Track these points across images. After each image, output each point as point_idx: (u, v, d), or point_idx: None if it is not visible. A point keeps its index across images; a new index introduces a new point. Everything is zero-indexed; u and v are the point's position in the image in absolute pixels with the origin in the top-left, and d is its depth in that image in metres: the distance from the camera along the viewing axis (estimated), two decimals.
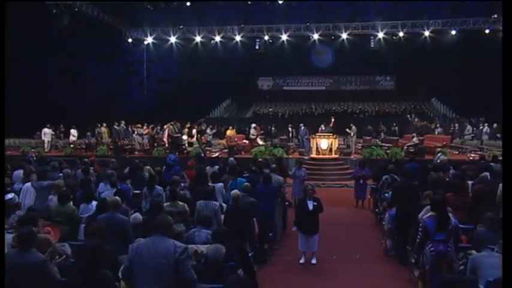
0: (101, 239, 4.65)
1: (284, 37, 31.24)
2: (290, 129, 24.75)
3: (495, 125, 21.87)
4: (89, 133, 22.18)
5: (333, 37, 31.61)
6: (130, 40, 32.38)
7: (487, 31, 28.86)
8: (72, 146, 21.12)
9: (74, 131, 22.17)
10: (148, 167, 11.65)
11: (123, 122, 22.32)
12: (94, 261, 3.88)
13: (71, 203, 7.19)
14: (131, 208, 7.52)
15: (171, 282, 3.95)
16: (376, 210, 11.39)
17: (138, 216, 6.67)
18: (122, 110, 28.67)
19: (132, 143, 21.51)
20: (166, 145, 20.65)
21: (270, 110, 34.85)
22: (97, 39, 29.44)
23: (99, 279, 3.88)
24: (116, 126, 21.74)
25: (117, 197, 6.50)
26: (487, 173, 9.54)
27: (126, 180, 9.41)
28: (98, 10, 27.82)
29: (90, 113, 26.45)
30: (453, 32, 29.47)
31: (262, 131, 24.63)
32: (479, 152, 19.12)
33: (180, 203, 7.27)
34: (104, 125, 22.60)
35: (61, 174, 9.97)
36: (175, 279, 3.95)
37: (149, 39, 32.57)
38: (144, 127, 22.16)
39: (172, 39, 32.25)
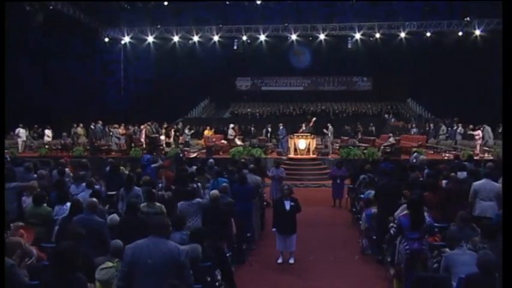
0: (75, 241, 4.58)
1: (262, 37, 31.27)
2: (269, 129, 24.81)
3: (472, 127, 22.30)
4: (64, 133, 21.82)
5: (310, 38, 31.77)
6: (107, 39, 31.93)
7: (460, 33, 29.43)
8: (47, 146, 20.75)
9: (48, 131, 21.79)
10: (122, 168, 11.56)
11: (100, 122, 22.05)
12: (67, 264, 3.81)
13: (46, 204, 7.08)
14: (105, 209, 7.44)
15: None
16: (353, 209, 11.51)
17: (115, 217, 6.60)
18: (99, 110, 28.34)
19: (109, 144, 21.26)
20: (144, 145, 20.47)
21: (248, 110, 34.86)
22: (73, 38, 28.99)
23: (72, 281, 3.82)
24: (92, 127, 21.46)
25: (94, 199, 6.42)
26: (462, 173, 9.76)
27: (99, 181, 9.32)
28: (74, 9, 27.39)
29: (66, 113, 26.03)
30: (428, 34, 29.92)
31: (240, 131, 24.62)
32: (453, 152, 19.45)
33: (157, 204, 7.23)
34: (81, 125, 22.27)
35: (35, 176, 9.80)
36: (178, 281, 3.94)
37: (126, 39, 32.19)
38: (121, 127, 21.92)
39: (150, 39, 31.94)
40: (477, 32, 29.01)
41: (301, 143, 19.22)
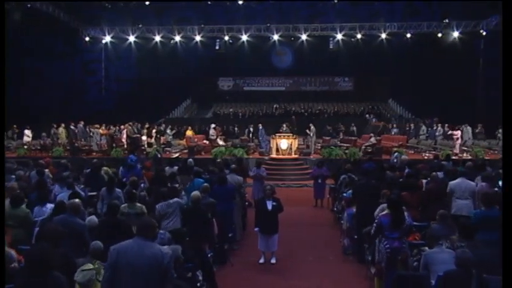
0: (54, 242, 4.51)
1: (244, 37, 31.24)
2: (250, 129, 24.82)
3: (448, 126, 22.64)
4: (44, 134, 21.51)
5: (292, 38, 31.84)
6: (87, 39, 31.56)
7: (439, 35, 29.85)
8: (26, 147, 20.43)
9: (28, 132, 21.46)
10: (105, 168, 11.44)
11: (81, 123, 21.78)
12: (42, 265, 3.74)
13: (25, 206, 6.96)
14: (86, 210, 7.36)
15: (157, 286, 3.92)
16: (335, 209, 11.59)
17: (93, 218, 6.53)
18: (80, 110, 27.96)
19: (89, 144, 21.03)
20: (125, 146, 20.31)
21: (231, 110, 34.80)
22: (52, 37, 28.56)
23: (50, 282, 3.75)
24: (72, 127, 21.19)
25: (77, 200, 6.34)
26: (440, 172, 9.90)
27: (79, 181, 9.22)
28: (53, 7, 27.00)
29: (46, 113, 25.66)
30: (408, 35, 30.23)
31: (222, 132, 24.59)
32: (433, 152, 19.72)
33: (138, 204, 7.19)
34: (63, 125, 21.98)
35: (13, 177, 9.63)
36: (161, 285, 3.93)
37: (107, 38, 31.86)
38: (102, 127, 21.71)
39: (131, 39, 31.66)
40: (455, 34, 29.46)
41: (283, 143, 19.28)
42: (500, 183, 8.71)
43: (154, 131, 22.21)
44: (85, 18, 31.06)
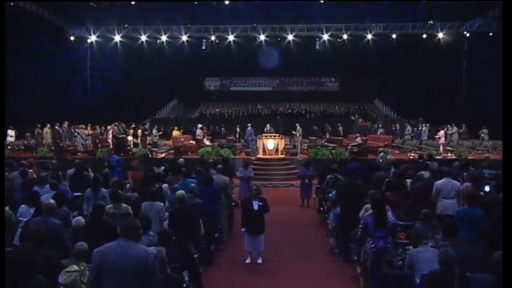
0: (37, 243, 4.45)
1: (231, 37, 31.22)
2: (237, 129, 24.82)
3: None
4: (28, 134, 21.24)
5: (279, 38, 31.91)
6: (72, 38, 31.27)
7: (424, 36, 30.14)
8: (9, 147, 20.17)
9: (11, 132, 21.14)
10: (89, 170, 11.35)
11: (66, 123, 21.57)
12: (26, 267, 3.69)
13: (8, 207, 6.87)
14: (72, 211, 7.29)
15: (142, 286, 3.90)
16: (321, 209, 11.63)
17: (80, 219, 6.47)
18: (65, 110, 27.67)
19: (74, 144, 20.84)
20: (111, 146, 20.17)
21: (217, 110, 34.79)
22: (36, 36, 28.23)
23: (32, 285, 3.71)
24: (57, 127, 20.97)
25: (52, 201, 6.26)
26: (425, 172, 9.99)
27: (65, 182, 9.12)
28: (37, 6, 26.69)
29: (30, 113, 25.34)
30: (394, 36, 30.47)
31: (209, 132, 24.55)
32: (418, 152, 19.90)
33: (124, 205, 7.13)
34: (48, 125, 21.73)
35: None
36: (146, 286, 3.91)
37: (93, 38, 31.61)
38: (88, 128, 21.52)
39: (117, 38, 31.45)
40: (440, 35, 29.79)
41: (270, 143, 19.31)
42: (486, 188, 8.80)
43: (140, 131, 22.09)
44: (70, 17, 30.76)
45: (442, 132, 19.93)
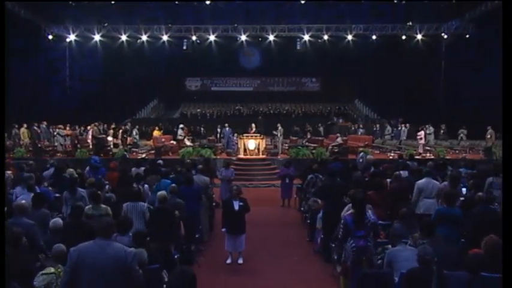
0: (13, 244, 4.37)
1: (212, 38, 31.12)
2: (218, 129, 24.78)
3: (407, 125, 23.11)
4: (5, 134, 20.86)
5: (260, 39, 31.91)
6: (51, 37, 30.76)
7: (403, 37, 30.48)
8: None
9: None
10: (71, 170, 11.20)
11: (44, 123, 21.24)
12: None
13: None
14: (52, 212, 7.19)
15: (121, 286, 3.87)
16: (301, 209, 11.67)
17: (58, 220, 6.37)
18: (43, 110, 27.23)
19: (53, 145, 20.54)
20: (91, 146, 19.94)
21: (198, 110, 34.69)
22: (13, 34, 27.70)
23: None
24: (35, 127, 20.64)
25: (23, 202, 6.17)
26: (404, 171, 10.10)
27: (44, 182, 8.97)
28: (14, 4, 26.20)
29: (7, 113, 24.83)
30: (374, 37, 30.73)
31: (190, 132, 24.45)
32: (398, 152, 20.13)
33: (103, 206, 7.06)
34: (25, 125, 21.37)
35: None
36: (125, 285, 3.87)
37: (72, 37, 31.13)
38: (67, 128, 21.24)
39: (97, 37, 31.04)
40: (419, 36, 30.17)
41: (251, 144, 19.32)
42: (463, 190, 8.94)
43: (120, 131, 21.88)
44: (48, 16, 30.21)
45: (422, 132, 20.19)
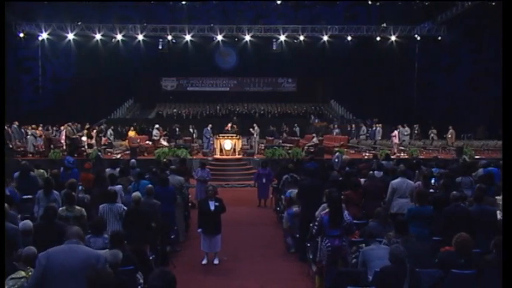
0: None
1: (188, 37, 30.94)
2: (191, 130, 24.64)
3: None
4: None
5: (236, 39, 31.86)
6: (21, 35, 30.07)
7: (378, 38, 30.87)
8: None
9: None
10: (42, 171, 10.99)
11: (16, 123, 20.79)
12: None
13: None
14: (19, 214, 7.04)
15: None
16: (277, 209, 11.72)
17: (28, 222, 6.24)
18: (13, 110, 26.64)
19: (25, 145, 20.12)
20: (64, 147, 19.59)
21: (174, 110, 34.45)
22: None
23: None
24: (6, 127, 20.17)
25: None
26: (379, 172, 10.24)
27: (12, 183, 8.79)
28: None
29: None
30: (349, 38, 31.02)
31: (165, 132, 24.25)
32: (372, 151, 20.37)
33: (77, 207, 6.95)
34: None
35: None
36: None
37: (44, 35, 30.47)
38: (39, 128, 20.83)
39: (70, 36, 30.48)
40: (392, 38, 30.61)
41: (227, 144, 19.28)
42: (432, 181, 9.15)
43: (95, 131, 21.55)
44: (18, 12, 29.43)
45: (395, 132, 20.49)
